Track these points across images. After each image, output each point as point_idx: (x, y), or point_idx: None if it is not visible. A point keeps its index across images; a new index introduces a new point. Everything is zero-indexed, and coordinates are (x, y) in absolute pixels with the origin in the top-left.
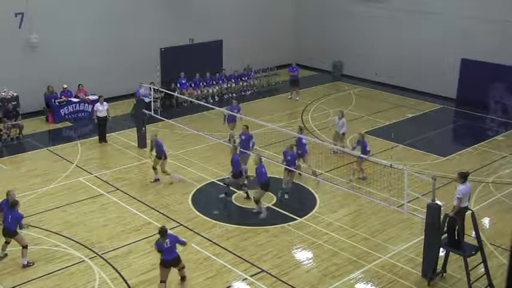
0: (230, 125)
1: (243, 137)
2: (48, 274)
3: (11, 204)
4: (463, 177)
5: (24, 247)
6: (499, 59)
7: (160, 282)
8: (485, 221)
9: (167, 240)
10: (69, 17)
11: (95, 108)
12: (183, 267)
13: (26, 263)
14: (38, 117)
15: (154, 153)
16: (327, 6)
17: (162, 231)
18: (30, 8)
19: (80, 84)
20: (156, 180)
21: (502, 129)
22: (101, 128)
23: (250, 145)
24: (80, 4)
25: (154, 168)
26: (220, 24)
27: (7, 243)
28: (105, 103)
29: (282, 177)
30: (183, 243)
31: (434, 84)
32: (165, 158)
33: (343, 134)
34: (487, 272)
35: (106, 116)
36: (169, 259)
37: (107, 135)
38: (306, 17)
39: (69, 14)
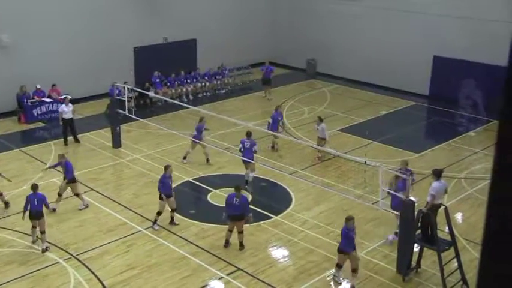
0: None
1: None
2: (22, 276)
3: (32, 188)
4: (437, 174)
5: (43, 232)
6: (470, 57)
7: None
8: (458, 216)
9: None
10: (41, 16)
11: (60, 110)
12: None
13: (45, 247)
14: (9, 117)
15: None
16: (301, 5)
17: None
18: (0, 8)
19: (53, 84)
20: (54, 210)
21: (474, 125)
22: (69, 129)
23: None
24: (52, 4)
25: (59, 195)
26: (194, 23)
27: (34, 227)
28: (70, 104)
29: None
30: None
31: (407, 81)
32: (74, 181)
33: (324, 139)
34: (460, 267)
35: (72, 118)
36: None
37: (79, 135)
38: (280, 16)
39: (41, 14)
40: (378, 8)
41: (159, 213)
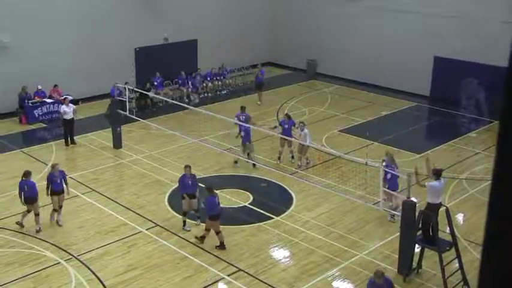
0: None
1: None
2: (23, 277)
3: (24, 174)
4: (436, 173)
5: (37, 214)
6: (471, 57)
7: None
8: (459, 217)
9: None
10: (42, 16)
11: (61, 111)
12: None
13: (38, 228)
14: (11, 118)
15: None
16: (301, 5)
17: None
18: (1, 8)
19: (55, 85)
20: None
21: (475, 126)
22: (68, 130)
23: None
24: (54, 4)
25: (29, 212)
26: (195, 24)
27: (29, 211)
28: (71, 104)
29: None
30: None
31: (408, 82)
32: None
33: (307, 146)
34: (461, 267)
35: (73, 118)
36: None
37: (76, 137)
38: (280, 16)
39: (42, 14)
40: (379, 9)
41: (184, 214)
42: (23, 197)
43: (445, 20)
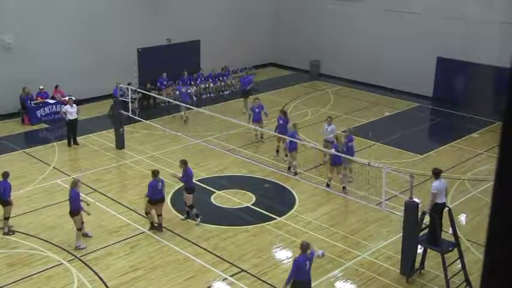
0: (255, 124)
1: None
2: (26, 278)
3: (2, 175)
4: (436, 173)
5: (6, 218)
6: (474, 58)
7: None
8: (462, 218)
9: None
10: (44, 17)
11: (64, 110)
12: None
13: (6, 230)
14: (13, 119)
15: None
16: (304, 6)
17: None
18: (4, 8)
19: (57, 85)
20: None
21: (477, 126)
22: (71, 131)
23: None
24: (56, 4)
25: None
26: (197, 25)
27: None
28: (74, 105)
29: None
30: None
31: (410, 82)
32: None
33: (333, 142)
34: (463, 268)
35: (76, 118)
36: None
37: (78, 137)
38: (283, 17)
39: (44, 15)
40: (382, 10)
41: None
42: None
43: (449, 21)
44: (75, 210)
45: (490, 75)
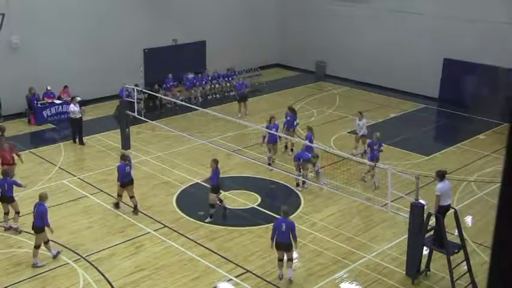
0: (269, 146)
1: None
2: (32, 277)
3: (2, 173)
4: (441, 175)
5: (17, 213)
6: (480, 59)
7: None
8: (468, 219)
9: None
10: (51, 18)
11: (71, 110)
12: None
13: (16, 227)
14: (20, 119)
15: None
16: (310, 7)
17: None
18: (11, 9)
19: (65, 86)
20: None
21: (483, 128)
22: (77, 129)
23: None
24: (62, 5)
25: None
26: (203, 25)
27: (6, 213)
28: (77, 104)
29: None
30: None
31: (417, 83)
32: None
33: (363, 135)
34: (469, 270)
35: (81, 117)
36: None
37: (84, 137)
38: (289, 18)
39: (51, 16)
40: (388, 11)
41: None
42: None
43: (455, 22)
44: (41, 226)
45: (497, 77)
